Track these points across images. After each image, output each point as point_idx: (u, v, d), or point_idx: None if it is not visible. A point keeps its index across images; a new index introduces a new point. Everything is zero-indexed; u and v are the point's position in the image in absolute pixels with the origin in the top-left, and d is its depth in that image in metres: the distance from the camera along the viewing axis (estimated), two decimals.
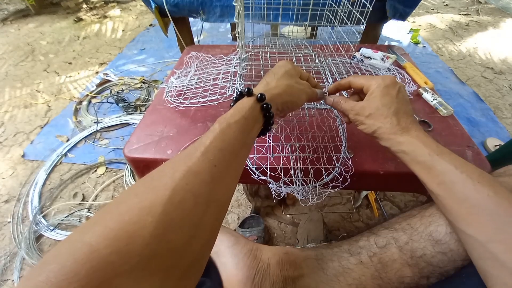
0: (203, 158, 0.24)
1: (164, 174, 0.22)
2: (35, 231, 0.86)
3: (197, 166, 0.23)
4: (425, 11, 2.29)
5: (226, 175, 0.25)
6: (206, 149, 0.25)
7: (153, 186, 0.21)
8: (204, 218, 0.22)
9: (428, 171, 0.31)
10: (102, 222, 0.19)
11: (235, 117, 0.29)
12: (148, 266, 0.17)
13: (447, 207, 0.29)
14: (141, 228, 0.18)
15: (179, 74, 0.66)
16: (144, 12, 2.42)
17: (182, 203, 0.20)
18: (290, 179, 0.43)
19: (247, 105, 0.30)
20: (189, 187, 0.22)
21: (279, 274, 0.36)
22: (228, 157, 0.26)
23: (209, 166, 0.24)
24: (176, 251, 0.19)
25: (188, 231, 0.20)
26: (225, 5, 0.88)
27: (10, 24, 2.34)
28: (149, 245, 0.18)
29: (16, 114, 1.36)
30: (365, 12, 0.48)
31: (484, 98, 1.32)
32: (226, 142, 0.26)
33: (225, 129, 0.27)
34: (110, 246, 0.17)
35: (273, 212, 0.89)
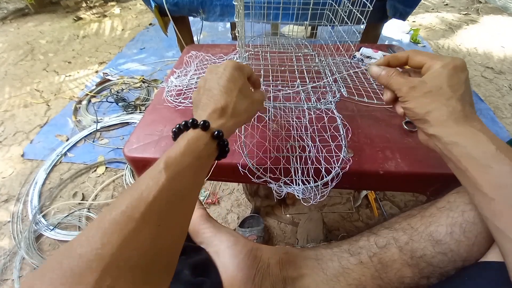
0: (144, 222, 0.19)
1: (89, 250, 0.17)
2: (35, 231, 0.86)
3: (136, 234, 0.19)
4: (425, 10, 2.28)
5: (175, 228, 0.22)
6: (147, 208, 0.20)
7: (75, 269, 0.16)
8: (148, 283, 0.19)
9: (486, 170, 0.26)
10: None
11: (187, 159, 0.24)
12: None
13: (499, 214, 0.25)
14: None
15: (179, 74, 0.66)
16: (144, 11, 2.42)
17: (114, 287, 0.17)
18: (291, 179, 0.43)
19: (201, 144, 0.26)
20: (123, 263, 0.18)
21: (279, 274, 0.36)
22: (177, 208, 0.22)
23: (152, 229, 0.20)
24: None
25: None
26: (225, 4, 0.88)
27: (9, 23, 2.34)
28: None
29: (16, 114, 1.36)
30: (365, 11, 0.48)
31: (484, 98, 1.32)
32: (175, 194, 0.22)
33: (174, 178, 0.22)
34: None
35: (273, 211, 0.89)
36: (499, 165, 0.26)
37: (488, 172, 0.26)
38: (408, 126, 0.51)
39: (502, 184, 0.25)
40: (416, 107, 0.31)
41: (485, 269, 0.28)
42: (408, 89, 0.31)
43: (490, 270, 0.28)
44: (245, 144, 0.47)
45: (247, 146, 0.47)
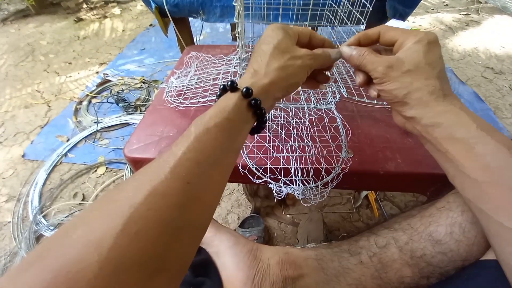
0: (173, 175, 0.19)
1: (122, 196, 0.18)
2: (35, 231, 0.87)
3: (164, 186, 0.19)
4: (425, 11, 2.29)
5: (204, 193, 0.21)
6: (176, 162, 0.20)
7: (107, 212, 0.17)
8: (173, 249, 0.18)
9: (470, 151, 0.25)
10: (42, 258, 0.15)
11: (216, 119, 0.23)
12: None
13: (485, 196, 0.25)
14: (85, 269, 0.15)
15: (179, 74, 0.66)
16: (144, 12, 2.42)
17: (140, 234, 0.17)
18: (291, 179, 0.43)
19: (230, 103, 0.25)
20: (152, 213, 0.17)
21: (279, 274, 0.36)
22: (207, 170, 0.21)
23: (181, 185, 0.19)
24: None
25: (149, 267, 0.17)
26: (225, 5, 0.88)
27: (10, 24, 2.34)
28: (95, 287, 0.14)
29: (16, 114, 1.36)
30: (365, 12, 0.48)
31: (484, 98, 1.32)
32: (203, 153, 0.21)
33: (202, 136, 0.22)
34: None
35: (273, 212, 0.89)
36: (481, 145, 0.25)
37: (471, 152, 0.25)
38: None
39: (485, 165, 0.24)
40: (395, 88, 0.28)
41: (485, 268, 0.29)
42: (385, 69, 0.28)
43: (489, 268, 0.28)
44: (245, 144, 0.48)
45: (247, 147, 0.47)
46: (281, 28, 0.30)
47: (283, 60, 0.29)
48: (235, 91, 0.26)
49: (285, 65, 0.28)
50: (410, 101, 0.28)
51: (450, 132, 0.26)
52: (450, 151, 0.27)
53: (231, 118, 0.24)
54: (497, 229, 0.24)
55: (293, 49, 0.30)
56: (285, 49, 0.29)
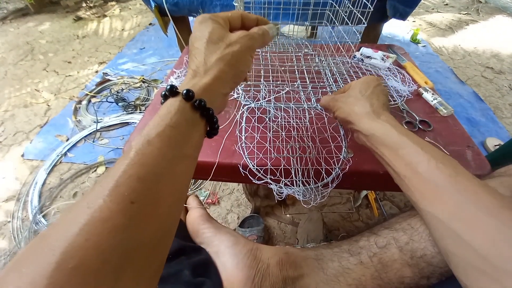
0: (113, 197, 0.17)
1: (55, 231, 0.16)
2: (35, 231, 0.86)
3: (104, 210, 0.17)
4: (425, 10, 2.29)
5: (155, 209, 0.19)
6: (116, 182, 0.18)
7: (38, 252, 0.15)
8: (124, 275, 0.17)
9: (396, 152, 0.32)
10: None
11: (158, 128, 0.22)
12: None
13: (412, 188, 0.30)
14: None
15: (178, 74, 0.66)
16: (144, 11, 2.42)
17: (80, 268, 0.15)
18: (291, 180, 0.43)
19: (172, 109, 0.23)
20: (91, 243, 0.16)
21: (279, 274, 0.36)
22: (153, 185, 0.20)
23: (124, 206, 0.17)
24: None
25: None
26: (225, 4, 0.88)
27: (9, 23, 2.34)
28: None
29: (16, 114, 1.36)
30: (366, 12, 0.48)
31: (484, 98, 1.32)
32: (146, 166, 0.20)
33: (143, 149, 0.20)
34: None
35: (273, 211, 0.89)
36: (402, 148, 0.31)
37: (397, 154, 0.32)
38: (407, 126, 0.51)
39: (407, 163, 0.31)
40: (341, 112, 0.40)
41: None
42: (333, 102, 0.42)
43: None
44: (246, 145, 0.47)
45: (248, 147, 0.47)
46: (208, 19, 0.29)
47: (219, 51, 0.27)
48: (175, 96, 0.24)
49: (223, 55, 0.27)
50: (352, 119, 0.38)
51: (381, 139, 0.34)
52: (385, 155, 0.33)
53: (174, 125, 0.22)
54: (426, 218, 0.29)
55: (227, 36, 0.28)
56: (219, 39, 0.28)
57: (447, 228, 0.26)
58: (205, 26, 0.28)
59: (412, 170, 0.30)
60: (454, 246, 0.26)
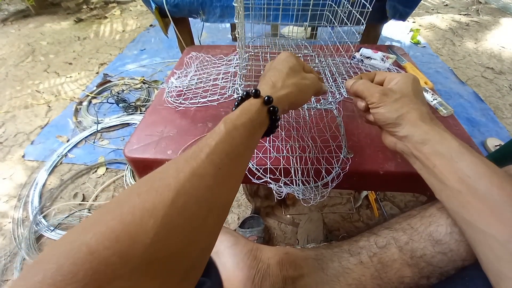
0: (208, 161, 0.23)
1: (167, 175, 0.21)
2: (36, 231, 0.87)
3: (201, 169, 0.22)
4: (425, 11, 2.29)
5: (230, 179, 0.25)
6: (211, 151, 0.23)
7: (156, 187, 0.20)
8: (206, 223, 0.21)
9: (451, 164, 0.29)
10: (103, 221, 0.18)
11: (242, 119, 0.28)
12: (148, 270, 0.17)
13: (467, 204, 0.27)
14: (143, 231, 0.17)
15: (179, 75, 0.66)
16: (144, 13, 2.43)
17: (184, 207, 0.20)
18: (291, 180, 0.43)
19: (254, 108, 0.29)
20: (193, 190, 0.21)
21: (279, 274, 0.36)
22: (233, 160, 0.25)
23: (214, 170, 0.23)
24: (176, 255, 0.19)
25: (189, 236, 0.20)
26: (225, 5, 0.88)
27: (10, 25, 2.35)
28: (150, 248, 0.17)
29: (17, 115, 1.36)
30: (365, 12, 0.48)
31: (484, 98, 1.32)
32: (231, 145, 0.25)
33: (231, 131, 0.26)
34: (111, 248, 0.16)
35: (273, 212, 0.89)
36: (462, 159, 0.29)
37: (453, 166, 0.29)
38: None
39: (465, 176, 0.28)
40: (388, 111, 0.34)
41: None
42: (380, 96, 0.35)
43: None
44: None
45: None
46: (294, 56, 0.38)
47: (296, 78, 0.35)
48: (258, 98, 0.31)
49: (298, 82, 0.35)
50: (402, 121, 0.33)
51: (436, 148, 0.31)
52: (437, 166, 0.30)
53: (253, 120, 0.28)
54: (479, 236, 0.27)
55: (302, 73, 0.38)
56: (297, 71, 0.37)
57: (505, 250, 0.24)
58: (290, 59, 0.37)
59: (469, 185, 0.27)
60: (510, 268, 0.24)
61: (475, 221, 0.27)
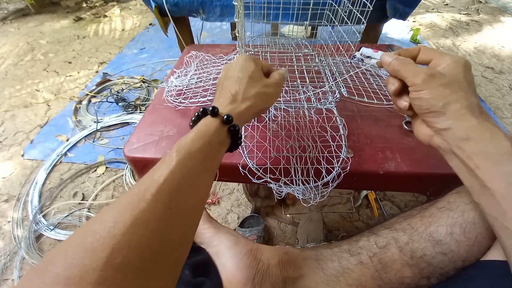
0: (155, 203, 0.20)
1: (102, 227, 0.18)
2: (35, 231, 0.86)
3: (146, 214, 0.19)
4: (425, 10, 2.28)
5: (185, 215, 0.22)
6: (158, 189, 0.20)
7: (88, 245, 0.17)
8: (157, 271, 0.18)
9: (500, 166, 0.25)
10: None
11: (197, 143, 0.24)
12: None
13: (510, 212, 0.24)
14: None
15: (179, 74, 0.66)
16: (144, 12, 2.42)
17: (123, 265, 0.17)
18: (291, 179, 0.43)
19: (211, 128, 0.26)
20: (134, 243, 0.18)
21: (279, 274, 0.36)
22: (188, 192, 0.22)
23: (162, 211, 0.20)
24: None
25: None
26: (225, 4, 0.88)
27: (10, 24, 2.34)
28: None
29: (16, 114, 1.36)
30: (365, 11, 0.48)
31: (484, 98, 1.32)
32: (184, 177, 0.22)
33: (184, 161, 0.23)
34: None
35: (273, 212, 0.89)
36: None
37: (501, 169, 0.25)
38: (408, 126, 0.51)
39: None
40: (434, 97, 0.28)
41: (485, 268, 0.28)
42: (426, 78, 0.29)
43: (490, 269, 0.28)
44: (245, 144, 0.47)
45: (247, 147, 0.47)
46: (252, 60, 0.35)
47: (257, 87, 0.33)
48: (215, 117, 0.28)
49: (259, 92, 0.32)
50: (447, 111, 0.28)
51: (482, 146, 0.26)
52: (480, 167, 0.26)
53: (211, 143, 0.26)
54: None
55: (264, 79, 0.35)
56: (258, 79, 0.34)
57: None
58: (249, 64, 0.34)
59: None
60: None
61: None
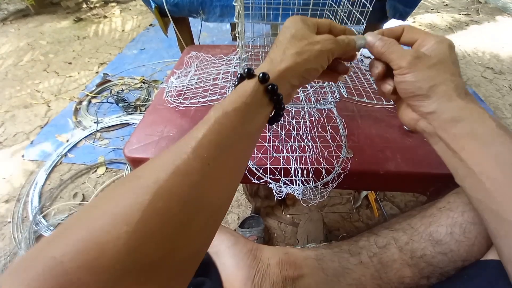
0: (194, 156, 0.20)
1: (146, 174, 0.19)
2: (35, 231, 0.86)
3: (186, 165, 0.20)
4: (425, 10, 2.29)
5: (223, 174, 0.22)
6: (197, 144, 0.21)
7: (132, 188, 0.18)
8: (192, 226, 0.19)
9: (487, 147, 0.25)
10: (71, 230, 0.16)
11: (234, 103, 0.24)
12: (120, 283, 0.15)
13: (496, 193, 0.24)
14: (114, 239, 0.15)
15: (179, 74, 0.66)
16: (144, 12, 2.42)
17: (165, 210, 0.18)
18: (291, 180, 0.43)
19: (248, 88, 0.25)
20: (175, 190, 0.18)
21: (279, 274, 0.36)
22: (225, 152, 0.22)
23: (201, 165, 0.20)
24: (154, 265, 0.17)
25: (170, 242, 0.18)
26: (225, 5, 0.88)
27: (10, 24, 2.34)
28: (122, 259, 0.15)
29: (16, 114, 1.36)
30: (365, 12, 0.48)
31: (484, 98, 1.32)
32: (222, 135, 0.22)
33: (221, 119, 0.23)
34: (77, 260, 0.14)
35: (273, 212, 0.89)
36: (499, 143, 0.25)
37: (489, 149, 0.25)
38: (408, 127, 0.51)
39: (501, 163, 0.24)
40: (420, 79, 0.28)
41: (485, 268, 0.29)
42: (412, 59, 0.28)
43: (489, 269, 0.28)
44: None
45: None
46: (299, 19, 0.31)
47: (299, 46, 0.28)
48: (252, 78, 0.26)
49: (302, 50, 0.28)
50: (434, 94, 0.28)
51: (470, 127, 0.26)
52: (466, 148, 0.26)
53: (248, 103, 0.25)
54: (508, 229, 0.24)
55: (311, 36, 0.30)
56: (303, 36, 0.29)
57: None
58: (294, 23, 0.30)
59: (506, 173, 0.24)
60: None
61: (506, 214, 0.24)
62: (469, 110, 0.27)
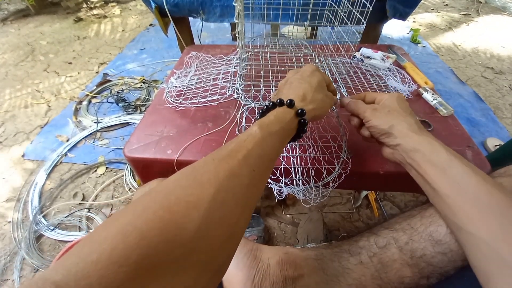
0: (244, 162, 0.25)
1: (207, 171, 0.23)
2: (35, 231, 0.86)
3: (238, 169, 0.24)
4: (425, 10, 2.29)
5: (261, 181, 0.27)
6: (247, 153, 0.26)
7: (199, 181, 0.22)
8: (240, 220, 0.23)
9: (442, 171, 0.31)
10: (151, 209, 0.19)
11: (275, 126, 0.30)
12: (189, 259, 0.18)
13: (454, 208, 0.29)
14: (188, 222, 0.19)
15: (179, 74, 0.66)
16: (144, 12, 2.42)
17: (224, 203, 0.21)
18: (291, 180, 0.43)
19: (288, 117, 0.32)
20: (231, 188, 0.22)
21: (279, 274, 0.36)
22: (265, 164, 0.27)
23: (249, 171, 0.25)
24: (214, 248, 0.20)
25: (227, 231, 0.21)
26: (225, 5, 0.88)
27: (10, 24, 2.34)
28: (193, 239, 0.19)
29: (16, 114, 1.36)
30: (365, 12, 0.48)
31: (484, 98, 1.32)
32: (265, 150, 0.27)
33: (266, 137, 0.28)
34: (160, 235, 0.17)
35: (273, 212, 0.89)
36: (451, 168, 0.30)
37: (443, 173, 0.31)
38: None
39: (455, 183, 0.30)
40: (381, 123, 0.37)
41: None
42: (371, 111, 0.38)
43: None
44: None
45: None
46: (319, 70, 0.41)
47: (322, 94, 0.38)
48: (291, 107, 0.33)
49: (323, 98, 0.38)
50: (394, 131, 0.36)
51: (427, 157, 0.32)
52: (428, 173, 0.32)
53: (285, 129, 0.31)
54: (468, 238, 0.28)
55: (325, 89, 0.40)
56: (323, 87, 0.39)
57: (491, 249, 0.26)
58: (318, 73, 0.40)
59: (459, 190, 0.29)
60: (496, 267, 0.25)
61: (464, 225, 0.28)
62: (424, 143, 0.33)
